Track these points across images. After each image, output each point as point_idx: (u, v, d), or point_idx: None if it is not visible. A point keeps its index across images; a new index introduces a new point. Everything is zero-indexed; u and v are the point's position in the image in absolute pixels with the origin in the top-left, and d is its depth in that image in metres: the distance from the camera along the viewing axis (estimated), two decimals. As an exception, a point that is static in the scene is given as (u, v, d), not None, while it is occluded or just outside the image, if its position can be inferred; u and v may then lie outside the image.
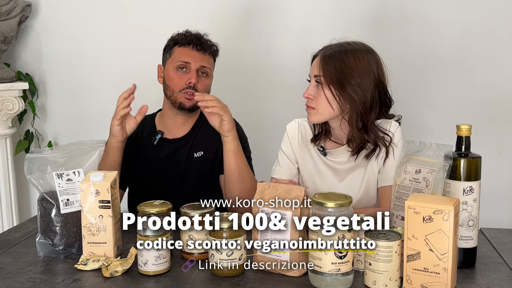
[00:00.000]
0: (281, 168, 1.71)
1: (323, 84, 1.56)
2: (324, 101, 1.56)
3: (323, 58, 1.56)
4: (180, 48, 1.77)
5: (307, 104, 1.60)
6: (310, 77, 1.61)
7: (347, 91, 1.54)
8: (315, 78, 1.58)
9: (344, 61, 1.54)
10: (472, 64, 2.50)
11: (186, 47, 1.77)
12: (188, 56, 1.76)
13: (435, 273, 1.11)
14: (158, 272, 1.24)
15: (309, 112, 1.61)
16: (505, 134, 2.52)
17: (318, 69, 1.57)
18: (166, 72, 1.80)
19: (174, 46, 1.79)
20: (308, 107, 1.60)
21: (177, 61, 1.76)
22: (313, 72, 1.59)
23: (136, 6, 2.67)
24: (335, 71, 1.54)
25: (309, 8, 2.56)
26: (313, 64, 1.61)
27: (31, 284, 1.21)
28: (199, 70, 1.76)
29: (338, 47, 1.58)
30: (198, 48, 1.77)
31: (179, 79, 1.75)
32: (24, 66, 2.79)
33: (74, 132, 2.76)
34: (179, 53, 1.77)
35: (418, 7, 2.49)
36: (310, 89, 1.59)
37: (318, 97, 1.57)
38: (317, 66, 1.57)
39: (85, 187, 1.30)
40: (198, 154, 1.81)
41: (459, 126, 1.27)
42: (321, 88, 1.56)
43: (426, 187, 1.27)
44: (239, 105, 2.57)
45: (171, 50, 1.80)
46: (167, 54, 1.82)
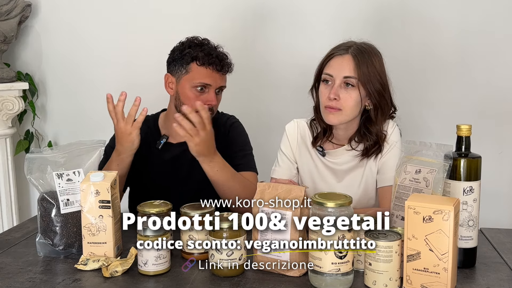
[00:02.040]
0: (281, 168, 1.71)
1: (358, 86, 1.53)
2: (355, 103, 1.54)
3: (357, 59, 1.53)
4: (200, 68, 1.70)
5: (331, 105, 1.55)
6: (331, 76, 1.55)
7: (380, 92, 1.55)
8: (346, 79, 1.54)
9: (373, 62, 1.55)
10: (472, 64, 2.50)
11: (207, 68, 1.70)
12: (209, 78, 1.70)
13: (435, 273, 1.11)
14: (158, 272, 1.24)
15: (333, 113, 1.55)
16: (505, 134, 2.52)
17: (351, 70, 1.53)
18: (182, 89, 1.73)
19: (192, 62, 1.71)
20: (332, 108, 1.55)
21: (197, 82, 1.70)
22: (341, 73, 1.54)
23: (136, 6, 2.67)
24: (368, 73, 1.53)
25: (311, 8, 2.56)
26: (339, 64, 1.55)
27: (31, 284, 1.21)
28: (217, 89, 1.73)
29: (363, 48, 1.56)
30: (219, 69, 1.71)
31: (196, 99, 1.67)
32: (24, 66, 2.79)
33: (74, 132, 2.76)
34: (199, 73, 1.70)
35: (418, 7, 2.49)
36: (337, 89, 1.54)
37: (348, 98, 1.54)
38: (349, 66, 1.53)
39: (85, 187, 1.30)
40: None
41: (459, 126, 1.27)
42: (354, 89, 1.53)
43: (426, 187, 1.27)
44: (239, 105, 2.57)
45: (188, 66, 1.71)
46: (181, 68, 1.73)
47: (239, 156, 1.78)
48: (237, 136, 1.83)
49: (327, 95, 1.55)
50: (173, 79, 1.76)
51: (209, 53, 1.71)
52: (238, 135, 1.83)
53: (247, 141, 1.85)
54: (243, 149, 1.81)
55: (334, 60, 1.57)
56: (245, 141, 1.83)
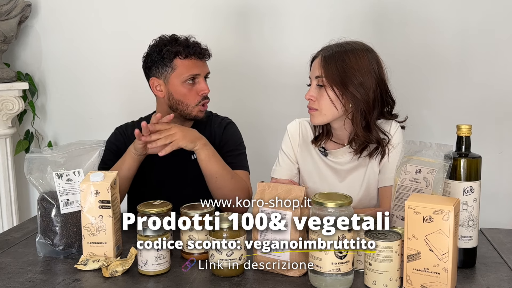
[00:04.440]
0: (281, 168, 1.71)
1: (325, 85, 1.55)
2: (328, 102, 1.56)
3: (324, 59, 1.56)
4: (185, 61, 1.73)
5: (309, 106, 1.59)
6: (311, 78, 1.60)
7: (350, 90, 1.53)
8: (317, 80, 1.57)
9: (345, 61, 1.54)
10: (472, 64, 2.50)
11: (191, 59, 1.74)
12: (196, 68, 1.74)
13: (435, 273, 1.11)
14: (158, 272, 1.24)
15: (312, 114, 1.60)
16: (505, 134, 2.52)
17: (319, 70, 1.56)
18: (173, 87, 1.75)
19: (175, 58, 1.73)
20: (310, 109, 1.59)
21: (187, 75, 1.73)
22: (313, 73, 1.58)
23: (136, 6, 2.67)
24: (337, 71, 1.53)
25: (310, 8, 2.56)
26: (313, 65, 1.60)
27: (31, 284, 1.21)
28: (205, 77, 1.78)
29: (338, 47, 1.57)
30: (201, 57, 1.75)
31: (191, 94, 1.74)
32: (24, 66, 2.79)
33: (74, 132, 2.76)
34: (185, 67, 1.73)
35: (418, 7, 2.49)
36: (312, 91, 1.58)
37: (321, 98, 1.56)
38: (318, 67, 1.57)
39: (85, 187, 1.30)
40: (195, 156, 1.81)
41: (459, 126, 1.27)
42: (323, 89, 1.56)
43: (426, 187, 1.27)
44: (239, 105, 2.58)
45: (172, 64, 1.74)
46: (166, 68, 1.75)
47: (233, 155, 1.80)
48: (231, 136, 1.85)
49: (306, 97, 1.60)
50: (159, 81, 1.78)
51: (187, 45, 1.74)
52: (232, 135, 1.86)
53: (240, 141, 1.87)
54: (237, 149, 1.83)
55: (313, 62, 1.61)
56: (239, 141, 1.86)
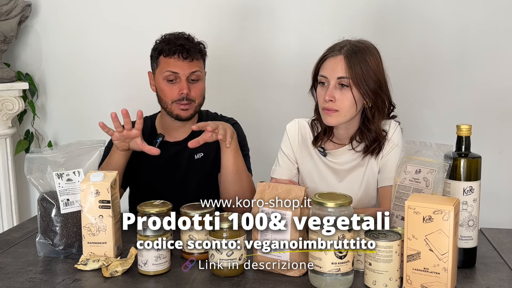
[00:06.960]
0: (281, 168, 1.71)
1: (351, 86, 1.52)
2: (351, 103, 1.54)
3: (348, 59, 1.53)
4: (166, 59, 1.73)
5: (328, 107, 1.55)
6: (327, 78, 1.55)
7: (374, 90, 1.54)
8: (339, 80, 1.53)
9: (367, 61, 1.53)
10: (472, 64, 2.50)
11: (172, 57, 1.72)
12: (176, 67, 1.72)
13: (435, 273, 1.11)
14: (158, 272, 1.24)
15: (330, 115, 1.56)
16: (505, 134, 2.51)
17: (343, 70, 1.53)
18: (158, 84, 1.77)
19: (160, 56, 1.74)
20: (329, 110, 1.55)
21: (164, 71, 1.73)
22: (334, 74, 1.54)
23: (136, 6, 2.67)
24: (361, 72, 1.52)
25: (310, 8, 2.56)
26: (330, 65, 1.55)
27: (31, 284, 1.21)
28: (189, 78, 1.73)
29: (357, 47, 1.55)
30: (185, 56, 1.71)
31: (170, 91, 1.73)
32: (24, 66, 2.79)
33: (74, 132, 2.75)
34: (166, 64, 1.73)
35: (418, 6, 2.49)
36: (332, 91, 1.54)
37: (344, 99, 1.53)
38: (341, 67, 1.53)
39: (85, 187, 1.30)
40: (199, 155, 1.81)
41: (459, 126, 1.27)
42: (348, 89, 1.53)
43: (426, 187, 1.27)
44: (238, 105, 2.58)
45: (157, 61, 1.76)
46: (154, 64, 1.78)
47: None
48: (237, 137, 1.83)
49: (323, 97, 1.56)
50: (152, 76, 1.82)
51: (174, 43, 1.73)
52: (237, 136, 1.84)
53: (245, 142, 1.86)
54: (242, 150, 1.82)
55: (328, 61, 1.57)
56: (243, 142, 1.85)
